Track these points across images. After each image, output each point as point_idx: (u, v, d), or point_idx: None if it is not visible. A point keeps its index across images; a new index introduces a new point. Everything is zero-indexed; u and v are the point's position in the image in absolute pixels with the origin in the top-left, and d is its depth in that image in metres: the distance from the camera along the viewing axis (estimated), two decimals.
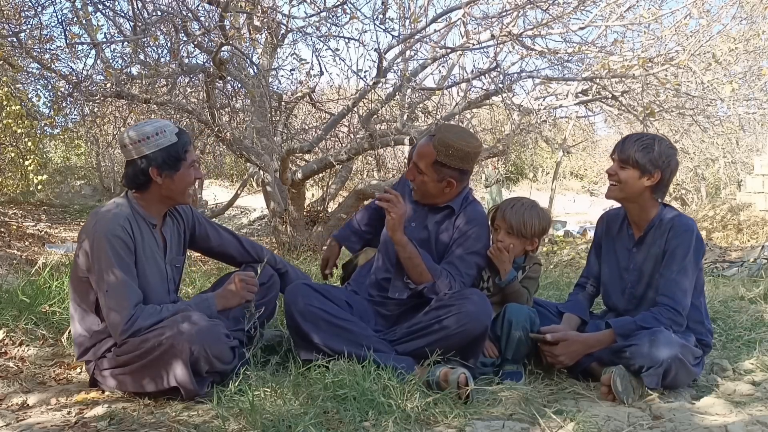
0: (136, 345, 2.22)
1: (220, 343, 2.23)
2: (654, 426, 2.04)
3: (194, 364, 2.17)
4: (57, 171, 12.99)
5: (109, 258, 2.22)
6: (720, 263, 6.52)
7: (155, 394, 2.26)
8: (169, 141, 2.31)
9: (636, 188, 2.45)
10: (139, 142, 2.29)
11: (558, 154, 11.28)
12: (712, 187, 15.40)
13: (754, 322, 3.36)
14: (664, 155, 2.41)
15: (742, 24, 6.04)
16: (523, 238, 2.67)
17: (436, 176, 2.54)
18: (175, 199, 2.42)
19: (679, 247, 2.41)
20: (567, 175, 19.13)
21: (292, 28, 4.94)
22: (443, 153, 2.51)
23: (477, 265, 2.61)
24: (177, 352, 2.15)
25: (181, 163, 2.33)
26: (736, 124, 6.97)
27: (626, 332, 2.37)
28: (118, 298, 2.22)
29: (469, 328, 2.35)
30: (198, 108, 5.62)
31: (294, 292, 2.47)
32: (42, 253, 5.99)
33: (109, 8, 4.91)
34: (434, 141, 2.52)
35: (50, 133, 8.22)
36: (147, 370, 2.21)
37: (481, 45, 4.86)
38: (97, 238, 2.23)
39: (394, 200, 2.47)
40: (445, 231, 2.63)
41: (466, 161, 2.55)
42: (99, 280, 2.24)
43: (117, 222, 2.26)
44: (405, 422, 1.96)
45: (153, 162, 2.30)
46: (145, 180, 2.32)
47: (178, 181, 2.35)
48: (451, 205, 2.63)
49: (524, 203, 2.72)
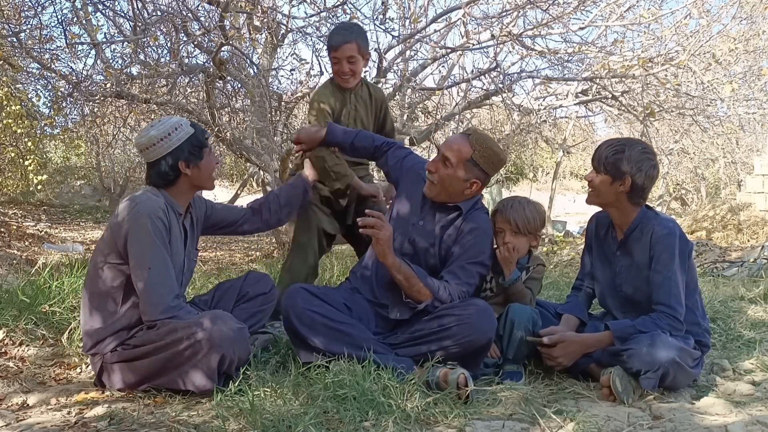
0: (161, 335, 2.23)
1: (247, 348, 2.31)
2: (654, 426, 2.04)
3: (220, 366, 2.21)
4: (57, 171, 13.01)
5: (152, 237, 2.25)
6: (720, 263, 6.52)
7: (159, 390, 2.27)
8: (188, 133, 2.40)
9: (610, 194, 2.44)
10: (163, 140, 2.36)
11: (558, 154, 11.28)
12: (712, 187, 15.40)
13: (754, 322, 3.36)
14: (633, 161, 2.37)
15: (742, 24, 6.05)
16: (529, 234, 2.69)
17: (464, 174, 2.49)
18: (203, 186, 2.50)
19: (663, 252, 2.39)
20: (567, 175, 19.14)
21: (292, 28, 4.94)
22: (480, 153, 2.48)
23: (479, 274, 2.57)
24: (208, 354, 2.17)
25: (204, 150, 2.44)
26: (736, 124, 6.98)
27: (624, 335, 2.37)
28: (163, 276, 2.25)
29: (473, 339, 2.33)
30: (198, 108, 5.62)
31: (292, 297, 2.44)
32: (42, 253, 6.00)
33: (109, 8, 4.91)
34: (471, 139, 2.50)
35: (50, 133, 8.23)
36: (167, 363, 2.22)
37: (481, 45, 4.86)
38: (140, 219, 2.26)
39: (377, 223, 2.39)
40: (450, 232, 2.58)
41: (495, 167, 2.55)
42: (140, 259, 2.25)
43: (158, 205, 2.32)
44: (405, 422, 1.96)
45: (181, 156, 2.38)
46: (176, 175, 2.40)
47: (204, 168, 2.45)
48: (460, 206, 2.57)
49: (521, 201, 2.74)
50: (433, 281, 2.46)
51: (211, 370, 2.19)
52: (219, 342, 2.17)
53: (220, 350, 2.17)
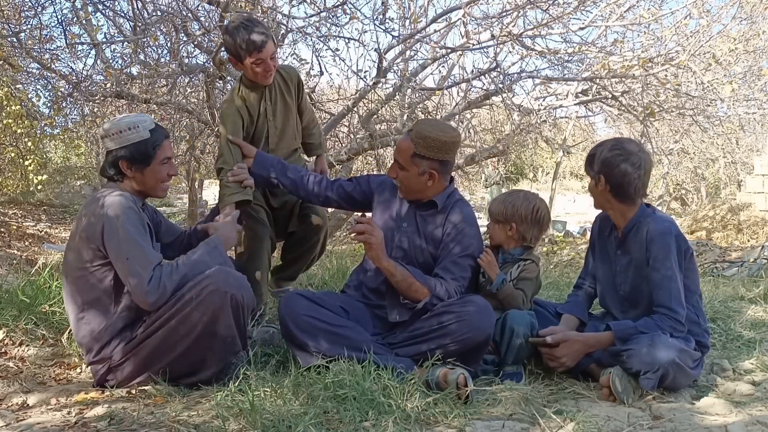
0: (168, 307, 2.26)
1: (252, 295, 2.37)
2: (654, 426, 2.04)
3: (236, 317, 2.27)
4: (57, 171, 12.99)
5: (126, 229, 2.26)
6: (720, 263, 6.52)
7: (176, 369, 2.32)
8: (140, 137, 2.39)
9: (597, 196, 2.54)
10: (112, 136, 2.39)
11: (558, 155, 11.28)
12: (712, 187, 15.40)
13: (754, 322, 3.36)
14: (602, 159, 2.44)
15: (743, 24, 6.05)
16: (499, 223, 2.71)
17: (417, 170, 2.53)
18: (147, 193, 2.50)
19: (659, 250, 2.40)
20: (567, 175, 19.14)
21: (292, 28, 4.93)
22: (421, 145, 2.50)
23: (471, 266, 2.60)
24: (221, 304, 2.23)
25: (151, 159, 2.41)
26: (736, 124, 6.99)
27: (625, 335, 2.37)
28: (140, 258, 2.25)
29: (472, 335, 2.33)
30: (198, 108, 5.62)
31: (289, 303, 2.46)
32: (42, 253, 6.00)
33: (109, 8, 4.90)
34: (411, 135, 2.53)
35: (50, 133, 8.22)
36: (180, 331, 2.26)
37: (481, 45, 4.85)
38: (110, 215, 2.27)
39: (368, 229, 2.42)
40: (434, 227, 2.61)
41: (444, 151, 2.53)
42: (118, 252, 2.26)
43: (125, 197, 2.34)
44: (405, 422, 1.96)
45: (125, 155, 2.39)
46: (116, 171, 2.42)
47: (149, 176, 2.44)
48: (434, 201, 2.60)
49: (511, 192, 2.80)
50: (429, 279, 2.48)
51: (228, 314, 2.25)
52: (228, 288, 2.24)
53: (229, 295, 2.24)
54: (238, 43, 2.70)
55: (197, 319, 2.24)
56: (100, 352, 2.35)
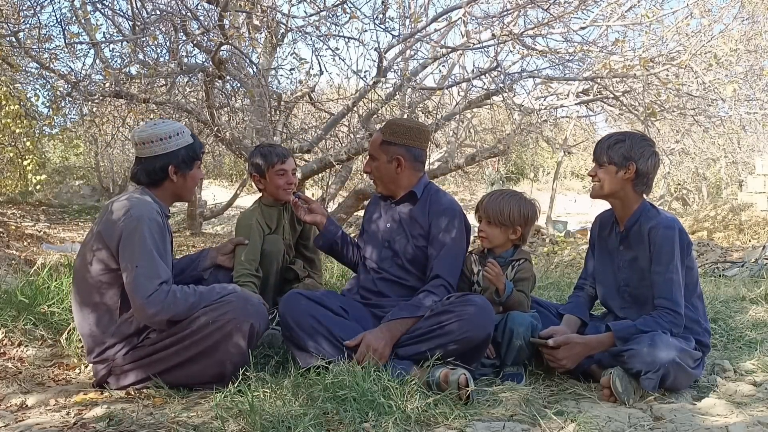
0: (183, 326, 2.28)
1: (266, 318, 2.43)
2: (655, 427, 2.04)
3: (249, 342, 2.31)
4: (56, 171, 13.01)
5: (143, 238, 2.25)
6: (721, 263, 6.51)
7: (158, 390, 2.29)
8: (187, 142, 2.44)
9: (615, 183, 2.49)
10: (162, 140, 2.39)
11: (559, 154, 11.27)
12: (713, 187, 15.38)
13: (756, 323, 3.36)
14: (636, 147, 2.45)
15: (744, 24, 6.04)
16: (503, 226, 2.65)
17: (385, 157, 2.64)
18: (183, 197, 2.53)
19: (663, 247, 2.40)
20: (568, 175, 19.09)
21: (291, 27, 4.92)
22: (388, 132, 2.65)
23: (457, 256, 2.63)
24: (238, 332, 2.27)
25: (195, 162, 2.47)
26: (737, 124, 6.97)
27: (626, 336, 2.36)
28: (150, 272, 2.24)
29: (472, 335, 2.34)
30: (197, 108, 5.61)
31: (289, 303, 2.48)
32: (41, 253, 5.99)
33: (108, 7, 4.90)
34: (382, 127, 2.69)
35: (49, 132, 8.20)
36: (196, 347, 2.28)
37: (481, 44, 4.84)
38: (133, 221, 2.27)
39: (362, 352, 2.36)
40: (414, 218, 2.66)
41: (410, 137, 2.63)
42: (130, 257, 2.25)
43: (153, 207, 2.34)
44: (405, 423, 1.95)
45: (174, 160, 2.41)
46: (162, 177, 2.42)
47: (190, 180, 2.49)
48: (413, 191, 2.67)
49: (504, 193, 2.73)
50: (418, 302, 2.49)
51: (244, 339, 2.29)
52: (247, 316, 2.29)
53: (248, 323, 2.28)
54: (263, 154, 2.92)
55: (211, 343, 2.27)
56: (103, 353, 2.35)
